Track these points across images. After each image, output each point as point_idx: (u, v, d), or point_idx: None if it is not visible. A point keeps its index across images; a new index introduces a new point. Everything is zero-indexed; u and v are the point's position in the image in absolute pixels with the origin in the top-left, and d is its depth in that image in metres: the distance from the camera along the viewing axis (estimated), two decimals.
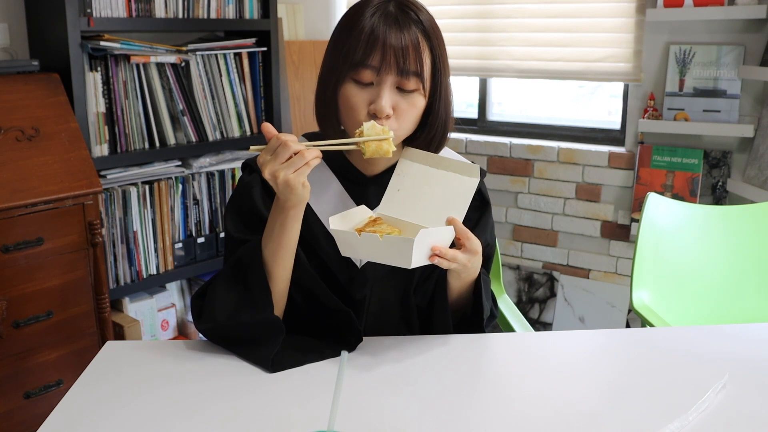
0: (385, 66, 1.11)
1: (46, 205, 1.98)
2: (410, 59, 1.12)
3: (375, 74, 1.13)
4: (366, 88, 1.14)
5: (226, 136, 2.68)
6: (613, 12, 2.72)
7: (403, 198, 1.17)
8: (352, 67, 1.13)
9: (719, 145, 2.61)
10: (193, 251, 2.63)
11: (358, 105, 1.14)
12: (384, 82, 1.13)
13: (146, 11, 2.40)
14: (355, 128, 1.15)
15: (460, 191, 1.15)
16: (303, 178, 1.05)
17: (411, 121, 1.17)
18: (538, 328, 2.99)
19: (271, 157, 1.05)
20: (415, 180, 1.18)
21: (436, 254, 1.05)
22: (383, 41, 1.11)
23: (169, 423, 0.94)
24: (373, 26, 1.12)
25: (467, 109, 3.26)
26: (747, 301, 1.88)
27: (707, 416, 0.96)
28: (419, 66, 1.13)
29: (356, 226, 1.13)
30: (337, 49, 1.16)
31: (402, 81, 1.13)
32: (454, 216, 1.12)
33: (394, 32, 1.12)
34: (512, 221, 3.06)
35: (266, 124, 1.08)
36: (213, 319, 1.13)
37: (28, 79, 2.14)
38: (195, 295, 1.20)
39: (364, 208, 1.16)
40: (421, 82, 1.14)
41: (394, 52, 1.11)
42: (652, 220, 1.88)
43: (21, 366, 2.00)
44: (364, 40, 1.12)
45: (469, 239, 1.10)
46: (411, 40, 1.12)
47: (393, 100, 1.14)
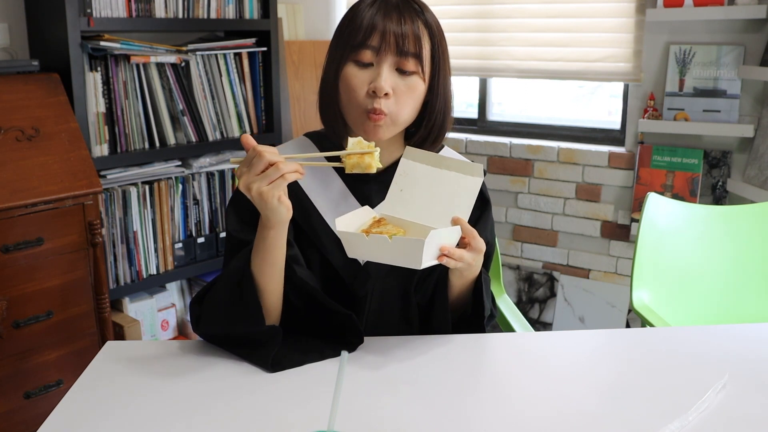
0: (384, 46, 1.14)
1: (46, 205, 1.98)
2: (409, 41, 1.15)
3: (374, 54, 1.15)
4: (366, 69, 1.16)
5: (226, 136, 2.68)
6: (613, 12, 2.72)
7: (407, 198, 1.17)
8: (353, 49, 1.16)
9: (719, 145, 2.61)
10: (193, 251, 2.63)
11: (357, 85, 1.16)
12: (383, 61, 1.15)
13: (146, 11, 2.40)
14: (354, 115, 1.17)
15: (464, 190, 1.15)
16: (277, 191, 1.01)
17: (410, 105, 1.18)
18: (538, 328, 2.99)
19: (246, 168, 1.02)
20: (418, 180, 1.18)
21: (445, 254, 1.05)
22: (384, 26, 1.14)
23: (169, 423, 0.94)
24: (374, 14, 1.15)
25: (467, 109, 3.26)
26: (747, 301, 1.88)
27: (707, 416, 0.96)
28: (418, 48, 1.16)
29: (361, 227, 1.13)
30: (339, 39, 1.19)
31: (401, 62, 1.15)
32: (459, 215, 1.12)
33: (394, 19, 1.15)
34: (512, 221, 3.06)
35: (245, 136, 1.04)
36: (210, 327, 1.14)
37: (28, 79, 2.14)
38: (193, 300, 1.20)
39: (367, 208, 1.16)
40: (420, 65, 1.16)
41: (394, 34, 1.14)
42: (652, 220, 1.88)
43: (21, 366, 2.00)
44: (364, 26, 1.15)
45: (474, 238, 1.11)
46: (411, 26, 1.15)
47: (392, 81, 1.15)
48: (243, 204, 1.21)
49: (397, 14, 1.15)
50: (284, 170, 1.00)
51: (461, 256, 1.08)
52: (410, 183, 1.18)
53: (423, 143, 1.25)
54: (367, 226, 1.14)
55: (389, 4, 1.16)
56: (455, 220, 1.12)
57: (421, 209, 1.16)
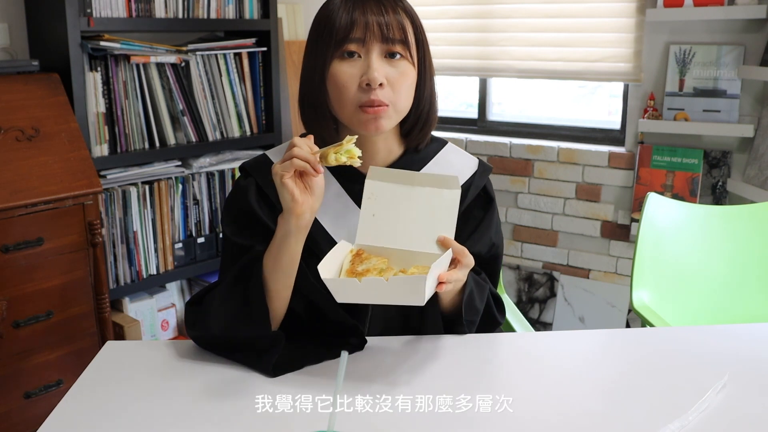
0: (369, 35, 1.11)
1: (46, 205, 1.98)
2: (393, 27, 1.12)
3: (361, 45, 1.12)
4: (354, 63, 1.12)
5: (226, 136, 2.68)
6: (613, 12, 2.72)
7: (381, 223, 1.10)
8: (337, 45, 1.12)
9: (719, 145, 2.61)
10: (193, 251, 2.63)
11: (348, 81, 1.12)
12: (371, 51, 1.12)
13: (146, 11, 2.40)
14: (348, 111, 1.13)
15: (443, 206, 1.10)
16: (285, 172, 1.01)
17: (406, 91, 1.15)
18: (538, 328, 2.99)
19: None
20: (390, 201, 1.11)
21: (442, 282, 1.01)
22: (364, 18, 1.11)
23: (169, 423, 0.94)
24: (351, 8, 1.12)
25: (467, 109, 3.26)
26: (747, 301, 1.88)
27: (707, 416, 0.96)
28: (403, 34, 1.13)
29: (344, 267, 1.06)
30: (317, 42, 1.15)
31: (389, 47, 1.12)
32: (443, 234, 1.08)
33: (373, 9, 1.12)
34: (512, 221, 3.06)
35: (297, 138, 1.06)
36: (206, 329, 1.11)
37: (28, 79, 2.14)
38: (189, 301, 1.17)
39: (344, 243, 1.09)
40: (407, 49, 1.14)
41: (377, 23, 1.11)
42: (652, 220, 1.88)
43: (21, 366, 2.00)
44: (344, 20, 1.12)
45: (465, 256, 1.08)
46: (393, 15, 1.13)
47: (384, 70, 1.12)
48: (238, 207, 1.19)
49: (375, 4, 1.12)
50: (296, 153, 1.01)
51: (457, 278, 1.06)
52: (382, 206, 1.11)
53: (411, 131, 1.22)
54: (349, 264, 1.07)
55: None
56: (442, 241, 1.08)
57: (399, 233, 1.10)
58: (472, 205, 1.27)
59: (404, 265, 1.08)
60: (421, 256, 1.08)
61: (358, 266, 1.06)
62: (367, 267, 1.06)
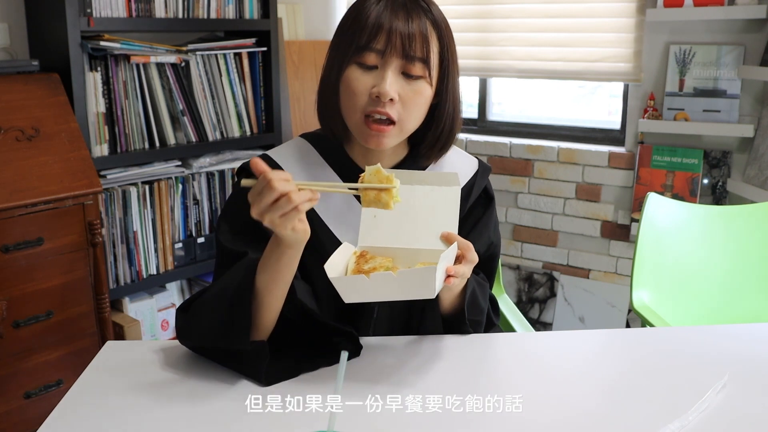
0: (390, 49, 1.08)
1: (46, 205, 1.98)
2: (416, 44, 1.09)
3: (379, 57, 1.09)
4: (369, 73, 1.10)
5: (226, 136, 2.68)
6: (613, 12, 2.72)
7: (383, 224, 1.09)
8: (357, 51, 1.10)
9: (719, 145, 2.61)
10: (193, 251, 2.63)
11: (359, 89, 1.10)
12: (388, 65, 1.09)
13: (146, 11, 2.40)
14: (355, 119, 1.12)
15: (445, 203, 1.09)
16: (291, 222, 0.94)
17: (418, 111, 1.13)
18: (538, 328, 2.99)
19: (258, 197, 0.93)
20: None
21: (450, 275, 1.01)
22: (389, 26, 1.08)
23: (169, 423, 0.94)
24: (380, 12, 1.09)
25: (467, 109, 3.26)
26: (747, 301, 1.88)
27: (707, 416, 0.96)
28: (426, 52, 1.10)
29: (349, 267, 1.05)
30: (342, 37, 1.13)
31: (407, 66, 1.09)
32: (446, 230, 1.08)
33: (401, 18, 1.09)
34: (512, 221, 3.06)
35: (255, 160, 0.95)
36: (191, 339, 1.10)
37: (28, 79, 2.14)
38: (180, 307, 1.13)
39: (347, 245, 1.07)
40: (427, 69, 1.10)
41: (401, 36, 1.08)
42: (652, 220, 1.88)
43: (21, 366, 2.00)
44: (369, 25, 1.09)
45: (470, 251, 1.07)
46: (419, 26, 1.09)
47: (398, 86, 1.10)
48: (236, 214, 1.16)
49: (404, 13, 1.09)
50: (297, 201, 0.92)
51: (464, 272, 1.05)
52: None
53: (430, 150, 1.20)
54: (353, 264, 1.05)
55: (396, 1, 1.10)
56: (446, 236, 1.08)
57: (402, 232, 1.09)
58: (473, 205, 1.27)
59: (409, 263, 1.08)
60: (425, 253, 1.08)
61: (363, 266, 1.06)
62: (373, 266, 1.05)
